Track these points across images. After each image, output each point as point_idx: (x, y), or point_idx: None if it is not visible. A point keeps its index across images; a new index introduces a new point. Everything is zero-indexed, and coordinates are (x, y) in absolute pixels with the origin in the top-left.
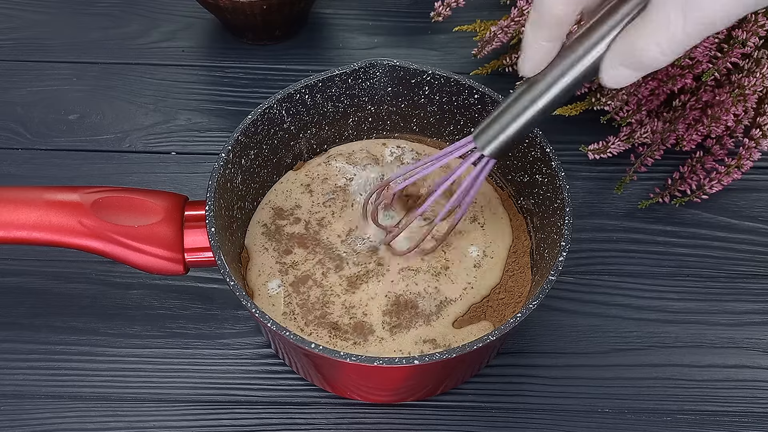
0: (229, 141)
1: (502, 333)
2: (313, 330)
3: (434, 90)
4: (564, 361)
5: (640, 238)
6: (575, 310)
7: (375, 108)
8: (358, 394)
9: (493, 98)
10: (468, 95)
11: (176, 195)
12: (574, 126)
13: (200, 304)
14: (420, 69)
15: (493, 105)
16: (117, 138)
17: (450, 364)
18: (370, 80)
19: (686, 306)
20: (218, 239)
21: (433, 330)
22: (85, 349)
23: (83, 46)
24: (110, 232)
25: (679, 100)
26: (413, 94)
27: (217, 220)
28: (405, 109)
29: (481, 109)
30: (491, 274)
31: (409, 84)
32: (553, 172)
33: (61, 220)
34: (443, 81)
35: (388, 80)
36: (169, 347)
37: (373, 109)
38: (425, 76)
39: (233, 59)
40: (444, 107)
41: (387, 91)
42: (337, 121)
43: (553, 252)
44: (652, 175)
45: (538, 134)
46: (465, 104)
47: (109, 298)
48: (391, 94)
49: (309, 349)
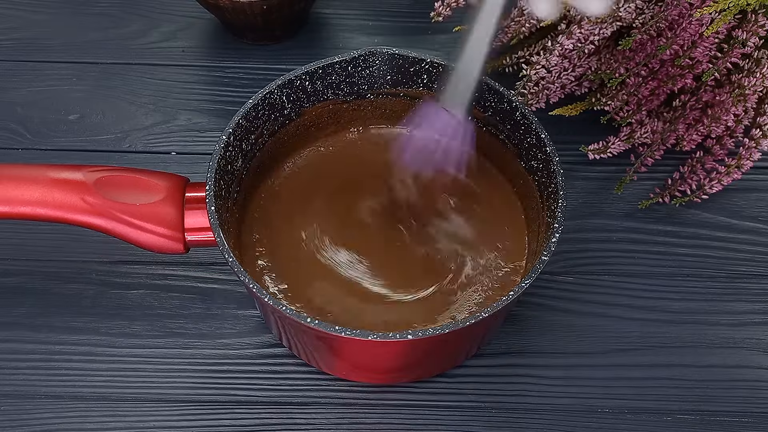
0: (230, 124)
1: (495, 310)
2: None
3: (433, 79)
4: (564, 361)
5: (640, 238)
6: (575, 310)
7: (374, 96)
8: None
9: (491, 87)
10: None
11: (178, 176)
12: (573, 126)
13: (200, 303)
14: (419, 57)
15: (491, 94)
16: (117, 138)
17: (443, 341)
18: (370, 68)
19: (686, 306)
20: (217, 218)
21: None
22: (85, 349)
23: (83, 46)
24: (112, 209)
25: (679, 100)
26: (412, 83)
27: (217, 200)
28: (404, 97)
29: (478, 97)
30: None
31: (408, 72)
32: (548, 158)
33: (64, 197)
34: (442, 69)
35: (387, 68)
36: (169, 347)
37: (372, 98)
38: (424, 64)
39: (233, 59)
40: None
41: (386, 80)
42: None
43: (547, 234)
44: (652, 175)
45: (534, 121)
46: None
47: (109, 298)
48: (390, 82)
49: (305, 323)
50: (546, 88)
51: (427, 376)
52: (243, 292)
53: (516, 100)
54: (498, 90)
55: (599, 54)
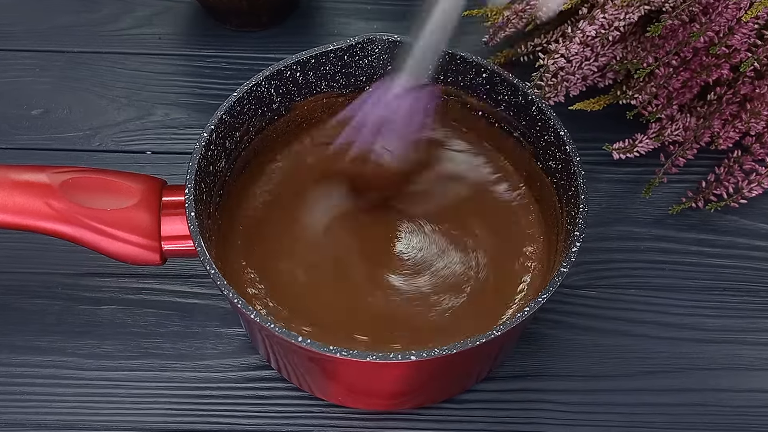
0: (212, 120)
1: (508, 328)
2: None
3: (439, 69)
4: (585, 385)
5: (670, 248)
6: (598, 328)
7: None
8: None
9: (503, 77)
10: (475, 74)
11: (153, 178)
12: (596, 122)
13: (179, 321)
14: None
15: (504, 86)
16: (86, 136)
17: (450, 362)
18: (368, 57)
19: (722, 323)
20: (198, 224)
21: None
22: (50, 371)
23: (48, 33)
24: (80, 215)
25: (714, 93)
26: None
27: (198, 204)
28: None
29: (489, 90)
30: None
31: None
32: (568, 158)
33: (26, 201)
34: (448, 58)
35: (388, 58)
36: (144, 369)
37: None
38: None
39: (215, 48)
40: (449, 87)
41: (387, 70)
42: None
43: (566, 243)
44: (684, 177)
45: (552, 117)
46: (472, 84)
47: (77, 314)
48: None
49: (296, 342)
50: (565, 80)
51: (433, 401)
52: (226, 308)
53: (532, 93)
54: (512, 82)
55: (625, 41)
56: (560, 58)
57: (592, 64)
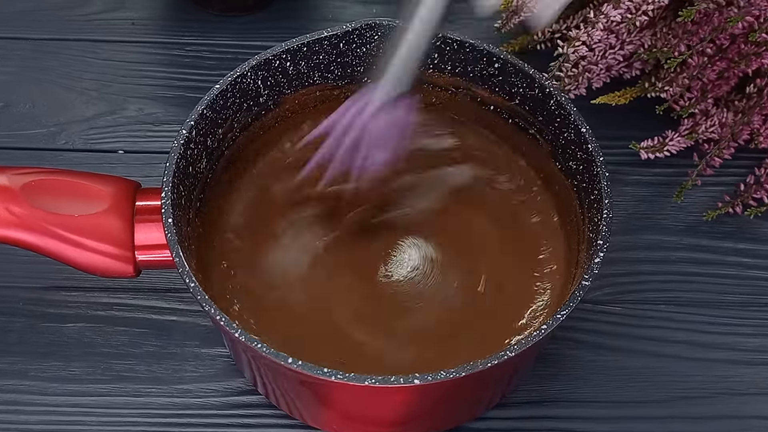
0: (192, 115)
1: (523, 348)
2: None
3: (445, 58)
4: (609, 412)
5: (704, 258)
6: (624, 348)
7: (372, 80)
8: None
9: (517, 67)
10: (487, 64)
11: (126, 180)
12: (622, 118)
13: (154, 340)
14: None
15: (519, 77)
16: (51, 133)
17: (458, 387)
18: (367, 45)
19: (762, 343)
20: (176, 232)
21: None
22: (10, 396)
23: (9, 18)
24: (44, 222)
25: (754, 85)
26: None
27: (176, 210)
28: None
29: (502, 81)
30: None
31: None
32: (590, 157)
33: None
34: (456, 47)
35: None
36: (116, 394)
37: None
38: (434, 40)
39: (196, 34)
40: (458, 79)
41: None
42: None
43: (589, 253)
44: (720, 179)
45: (573, 112)
46: (483, 75)
47: (41, 332)
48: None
49: (285, 364)
50: (587, 70)
51: (439, 430)
52: (208, 326)
53: (550, 85)
54: (527, 72)
55: (654, 27)
56: (581, 46)
57: (617, 53)
